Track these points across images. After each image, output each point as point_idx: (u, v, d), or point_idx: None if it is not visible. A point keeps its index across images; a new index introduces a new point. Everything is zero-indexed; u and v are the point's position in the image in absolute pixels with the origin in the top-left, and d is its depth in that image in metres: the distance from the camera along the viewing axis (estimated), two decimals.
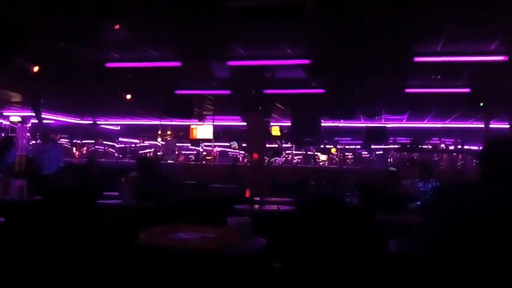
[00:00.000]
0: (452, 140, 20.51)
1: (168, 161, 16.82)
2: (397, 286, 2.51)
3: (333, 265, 4.66)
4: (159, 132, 20.32)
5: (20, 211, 5.69)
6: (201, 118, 15.86)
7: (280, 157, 21.72)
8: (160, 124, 19.24)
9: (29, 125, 15.19)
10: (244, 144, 11.53)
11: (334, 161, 21.94)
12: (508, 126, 14.82)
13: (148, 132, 21.64)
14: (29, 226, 5.28)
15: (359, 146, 23.07)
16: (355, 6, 6.11)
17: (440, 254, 2.14)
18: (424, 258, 2.23)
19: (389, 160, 20.40)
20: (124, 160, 18.17)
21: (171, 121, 18.13)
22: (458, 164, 20.00)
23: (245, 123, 8.64)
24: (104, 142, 21.86)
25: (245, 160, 16.16)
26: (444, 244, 2.15)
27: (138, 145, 23.49)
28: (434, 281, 2.12)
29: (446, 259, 2.10)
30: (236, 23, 6.28)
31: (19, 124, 15.23)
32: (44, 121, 14.82)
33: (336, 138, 20.71)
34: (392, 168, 8.57)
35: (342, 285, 4.37)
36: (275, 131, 16.60)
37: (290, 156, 22.36)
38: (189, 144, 21.33)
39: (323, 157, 22.16)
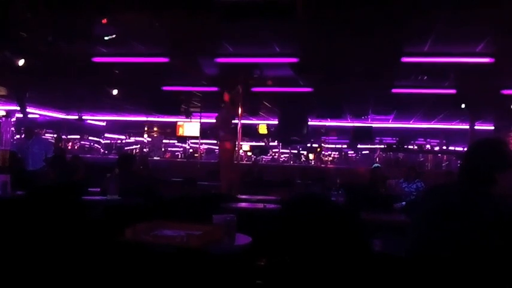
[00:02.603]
0: (438, 141, 20.70)
1: (154, 158, 16.76)
2: (382, 285, 2.52)
3: (317, 264, 4.67)
4: (146, 128, 20.23)
5: (3, 206, 5.63)
6: (188, 115, 15.82)
7: (267, 155, 21.75)
8: (147, 120, 19.15)
9: (14, 119, 15.02)
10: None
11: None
12: (493, 127, 15.00)
13: (135, 129, 21.55)
14: (12, 222, 5.22)
15: (345, 146, 23.18)
16: (344, 6, 6.13)
17: (424, 253, 2.16)
18: (409, 257, 2.24)
19: (376, 160, 20.53)
20: (109, 156, 18.05)
21: (158, 117, 18.06)
22: (443, 164, 20.18)
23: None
24: (90, 138, 21.70)
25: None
26: (427, 243, 2.17)
27: (124, 141, 23.37)
28: (418, 280, 2.14)
29: (430, 257, 2.11)
30: (225, 20, 6.27)
31: (3, 118, 15.04)
32: (29, 115, 14.68)
33: (323, 138, 20.79)
34: (377, 165, 8.69)
35: (326, 284, 4.38)
36: (262, 129, 16.61)
37: (277, 154, 22.41)
38: (176, 141, 21.26)
39: (310, 156, 22.25)
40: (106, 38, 7.02)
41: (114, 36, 6.99)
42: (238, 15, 5.85)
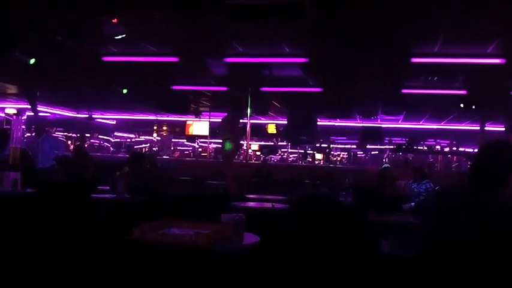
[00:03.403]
0: (448, 142, 20.57)
1: (164, 157, 16.80)
2: (390, 287, 2.52)
3: (325, 264, 4.66)
4: (155, 127, 20.28)
5: (14, 204, 5.68)
6: (197, 114, 15.85)
7: (275, 155, 21.73)
8: (156, 119, 19.21)
9: (25, 117, 15.14)
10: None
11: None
12: (504, 129, 14.89)
13: (144, 127, 21.62)
14: (22, 219, 5.26)
15: (354, 146, 23.10)
16: (354, 7, 6.11)
17: (433, 254, 2.16)
18: (418, 258, 2.24)
19: (384, 160, 20.45)
20: (119, 155, 18.11)
21: (167, 116, 18.11)
22: (453, 165, 20.05)
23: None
24: (100, 136, 21.78)
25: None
26: (436, 244, 2.17)
27: (133, 140, 23.44)
28: (426, 281, 2.13)
29: (439, 259, 2.11)
30: (235, 21, 6.28)
31: (14, 116, 15.16)
32: (40, 114, 14.78)
33: (331, 138, 20.74)
34: (387, 165, 8.67)
35: (334, 285, 4.38)
36: (271, 128, 16.61)
37: (286, 154, 22.38)
38: (185, 140, 21.29)
39: (319, 156, 22.21)
40: (116, 37, 7.06)
41: (124, 35, 7.03)
42: (248, 16, 5.85)
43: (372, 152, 23.36)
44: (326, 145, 21.15)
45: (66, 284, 4.14)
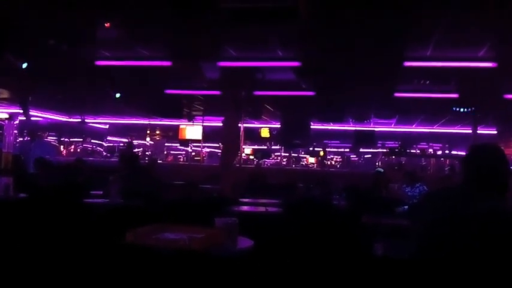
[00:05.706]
0: (440, 145, 20.65)
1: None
2: None
3: (319, 267, 4.66)
4: (148, 131, 20.22)
5: (6, 208, 5.63)
6: (190, 118, 15.82)
7: (269, 159, 21.73)
8: (150, 123, 19.15)
9: (17, 122, 15.04)
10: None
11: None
12: (496, 132, 14.98)
13: (137, 132, 21.54)
14: (14, 224, 5.22)
15: (348, 150, 23.14)
16: (346, 11, 6.13)
17: (426, 257, 2.16)
18: (411, 261, 2.24)
19: (377, 164, 20.49)
20: (111, 159, 18.05)
21: (160, 121, 18.07)
22: (446, 169, 20.13)
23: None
24: (92, 141, 21.69)
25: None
26: (429, 247, 2.17)
27: (126, 144, 23.33)
28: (419, 284, 2.14)
29: (432, 262, 2.11)
30: (228, 24, 6.28)
31: (6, 121, 15.06)
32: (32, 118, 14.70)
33: (325, 141, 20.76)
34: (379, 169, 8.66)
35: None
36: (264, 132, 16.61)
37: (279, 158, 22.39)
38: (178, 145, 21.25)
39: (311, 159, 22.22)
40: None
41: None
42: (242, 20, 5.86)
43: (365, 156, 23.41)
44: (321, 148, 21.16)
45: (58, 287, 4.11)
